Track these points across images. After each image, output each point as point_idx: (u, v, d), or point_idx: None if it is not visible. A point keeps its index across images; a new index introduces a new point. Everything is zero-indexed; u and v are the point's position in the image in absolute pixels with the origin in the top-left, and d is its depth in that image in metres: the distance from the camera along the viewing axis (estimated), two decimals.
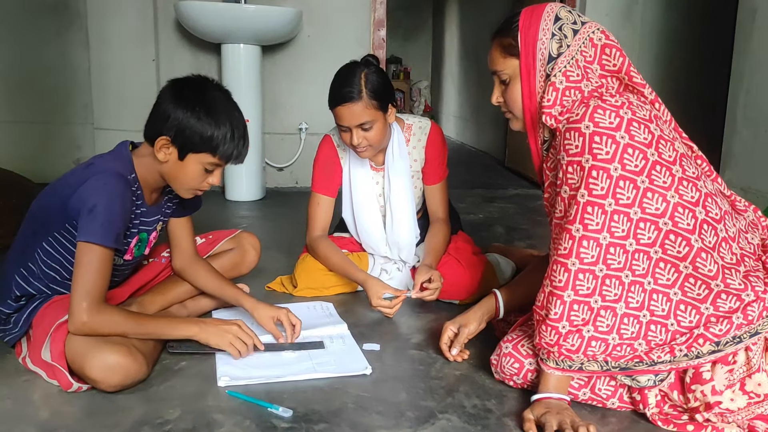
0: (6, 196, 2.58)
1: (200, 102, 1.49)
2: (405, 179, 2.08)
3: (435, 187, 2.14)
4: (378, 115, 1.90)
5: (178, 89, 1.52)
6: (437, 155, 2.11)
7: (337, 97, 1.87)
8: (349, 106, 1.86)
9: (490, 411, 1.40)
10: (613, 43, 1.38)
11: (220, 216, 3.29)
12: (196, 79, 1.55)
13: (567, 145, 1.31)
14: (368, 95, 1.86)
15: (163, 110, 1.49)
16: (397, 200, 2.08)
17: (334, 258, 2.06)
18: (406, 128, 2.11)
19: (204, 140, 1.49)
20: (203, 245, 1.93)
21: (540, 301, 1.35)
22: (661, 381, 1.33)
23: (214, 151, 1.51)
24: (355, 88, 1.85)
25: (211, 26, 3.53)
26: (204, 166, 1.53)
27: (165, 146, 1.50)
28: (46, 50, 3.90)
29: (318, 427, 1.31)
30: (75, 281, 1.43)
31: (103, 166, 1.51)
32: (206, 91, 1.53)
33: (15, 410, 1.36)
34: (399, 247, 2.11)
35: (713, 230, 1.28)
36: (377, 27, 4.02)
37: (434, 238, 2.06)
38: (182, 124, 1.47)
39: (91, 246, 1.42)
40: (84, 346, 1.41)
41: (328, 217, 2.14)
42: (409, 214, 2.09)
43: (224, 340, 1.56)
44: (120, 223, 1.46)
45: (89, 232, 1.41)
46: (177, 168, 1.53)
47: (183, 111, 1.47)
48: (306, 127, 4.05)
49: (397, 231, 2.09)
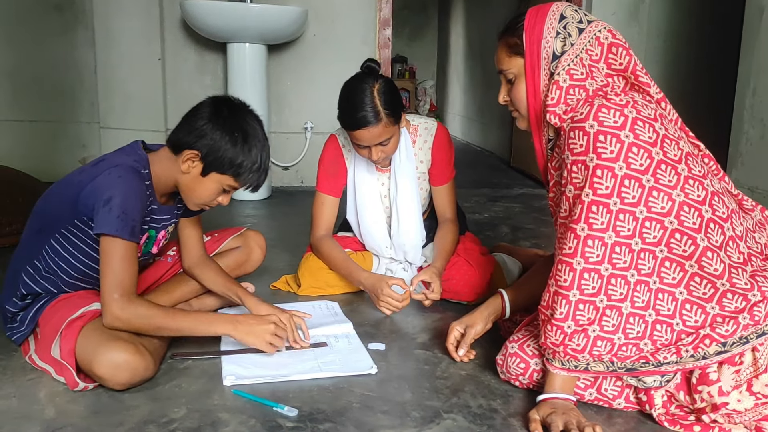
0: (12, 195, 2.59)
1: (238, 128, 1.52)
2: (411, 181, 2.06)
3: (442, 188, 2.12)
4: (395, 129, 1.89)
5: (217, 109, 1.53)
6: (444, 156, 2.10)
7: (355, 121, 1.83)
8: (369, 129, 1.82)
9: (495, 411, 1.39)
10: (620, 42, 1.37)
11: (226, 214, 3.29)
12: (236, 103, 1.57)
13: (571, 144, 1.30)
14: (386, 114, 1.82)
15: (200, 126, 1.50)
16: (404, 202, 2.07)
17: (337, 258, 2.05)
18: (413, 129, 2.10)
19: (233, 165, 1.52)
20: (209, 243, 1.93)
21: (545, 301, 1.34)
22: (668, 382, 1.32)
23: (237, 176, 1.54)
24: (373, 110, 1.81)
25: (216, 25, 3.54)
26: (222, 186, 1.55)
27: (191, 159, 1.51)
28: (53, 49, 3.91)
29: (323, 426, 1.31)
30: (103, 275, 1.44)
31: (116, 161, 1.51)
32: (244, 117, 1.55)
33: (21, 408, 1.36)
34: (405, 249, 2.10)
35: (720, 229, 1.27)
36: (383, 26, 4.02)
37: (443, 240, 2.05)
38: (217, 144, 1.50)
39: (112, 239, 1.43)
40: (92, 344, 1.41)
41: (333, 217, 2.14)
42: (415, 216, 2.08)
43: (261, 340, 1.55)
44: (136, 215, 1.46)
45: (107, 224, 1.41)
46: (196, 182, 1.54)
47: (221, 133, 1.50)
48: (311, 126, 4.06)
49: (403, 233, 2.08)
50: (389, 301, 1.87)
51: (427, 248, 2.15)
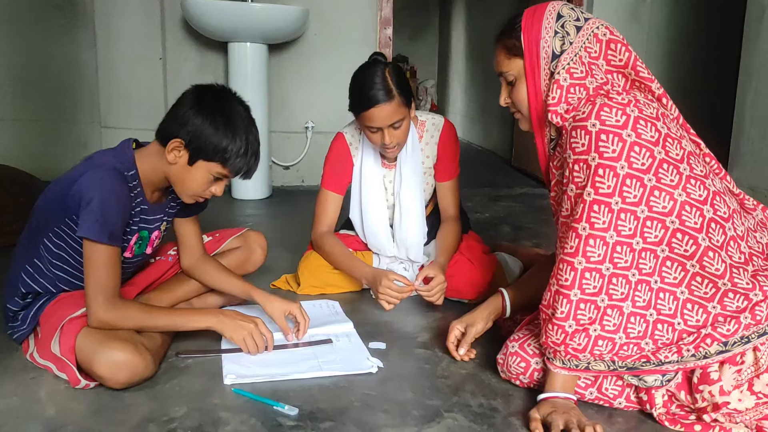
0: (14, 194, 2.59)
1: (220, 112, 1.50)
2: (416, 175, 2.08)
3: (447, 184, 2.13)
4: (406, 111, 1.92)
5: (200, 95, 1.53)
6: (449, 152, 2.12)
7: (368, 99, 1.85)
8: (382, 107, 1.85)
9: (496, 410, 1.39)
10: (618, 38, 1.37)
11: (227, 214, 3.29)
12: (219, 89, 1.56)
13: (573, 144, 1.30)
14: (398, 93, 1.86)
15: (182, 114, 1.50)
16: (407, 197, 2.08)
17: (339, 254, 2.05)
18: (420, 125, 2.12)
19: (217, 150, 1.50)
20: (210, 243, 1.93)
21: (546, 300, 1.34)
22: (669, 381, 1.32)
23: (224, 163, 1.52)
24: (385, 88, 1.84)
25: (217, 25, 3.54)
26: (212, 174, 1.53)
27: (177, 148, 1.50)
28: (54, 49, 3.91)
29: (324, 425, 1.31)
30: (86, 278, 1.44)
31: (100, 161, 1.51)
32: (228, 103, 1.53)
33: (22, 407, 1.36)
34: (407, 245, 2.10)
35: (721, 229, 1.27)
36: (384, 26, 4.02)
37: (446, 237, 2.06)
38: (199, 130, 1.48)
39: (93, 243, 1.43)
40: (92, 343, 1.41)
41: (336, 214, 2.14)
42: (417, 211, 2.09)
43: (239, 334, 1.57)
44: (115, 218, 1.45)
45: (86, 227, 1.42)
46: (184, 172, 1.53)
47: (202, 118, 1.48)
48: (312, 125, 4.06)
49: (405, 228, 2.08)
50: (388, 293, 1.86)
51: (429, 246, 2.15)
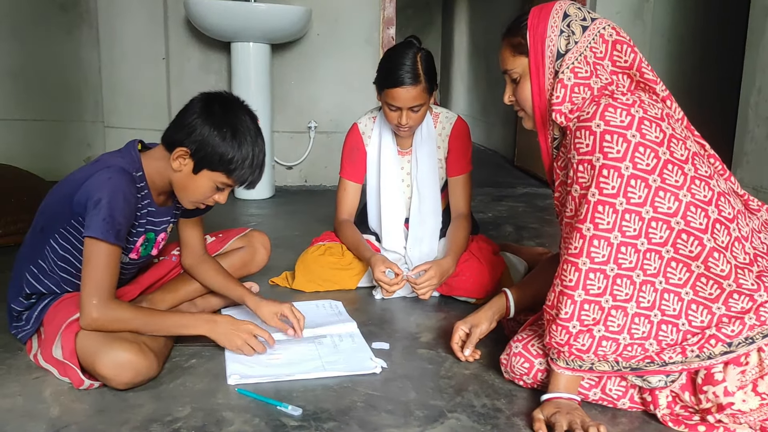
0: (18, 195, 2.59)
1: (227, 122, 1.49)
2: (432, 161, 2.13)
3: (458, 179, 2.16)
4: (427, 98, 1.98)
5: (207, 104, 1.51)
6: (460, 146, 2.16)
7: (396, 78, 1.92)
8: (407, 88, 1.92)
9: (499, 410, 1.39)
10: (624, 39, 1.37)
11: (230, 214, 3.29)
12: (227, 98, 1.55)
13: (578, 144, 1.30)
14: (425, 79, 1.93)
15: (189, 122, 1.49)
16: (424, 181, 2.13)
17: (352, 238, 2.14)
18: (434, 116, 2.18)
19: (222, 161, 1.49)
20: (213, 243, 1.93)
21: (550, 301, 1.34)
22: (673, 382, 1.32)
23: (229, 174, 1.51)
24: (413, 72, 1.91)
25: (220, 24, 3.54)
26: (216, 184, 1.53)
27: (182, 157, 1.50)
28: (57, 48, 3.92)
29: (327, 425, 1.31)
30: (84, 277, 1.44)
31: (108, 162, 1.51)
32: (235, 113, 1.52)
33: (26, 407, 1.37)
34: (421, 236, 2.12)
35: (726, 230, 1.27)
36: (386, 25, 4.02)
37: (456, 234, 2.07)
38: (205, 140, 1.47)
39: (96, 242, 1.42)
40: (95, 343, 1.41)
41: (355, 202, 2.23)
42: (434, 196, 2.14)
43: (233, 344, 1.57)
44: (122, 219, 1.45)
45: (92, 227, 1.41)
46: (188, 180, 1.53)
47: (209, 128, 1.47)
48: (315, 125, 4.05)
49: (424, 212, 2.13)
50: (382, 285, 1.94)
51: (440, 243, 2.16)
